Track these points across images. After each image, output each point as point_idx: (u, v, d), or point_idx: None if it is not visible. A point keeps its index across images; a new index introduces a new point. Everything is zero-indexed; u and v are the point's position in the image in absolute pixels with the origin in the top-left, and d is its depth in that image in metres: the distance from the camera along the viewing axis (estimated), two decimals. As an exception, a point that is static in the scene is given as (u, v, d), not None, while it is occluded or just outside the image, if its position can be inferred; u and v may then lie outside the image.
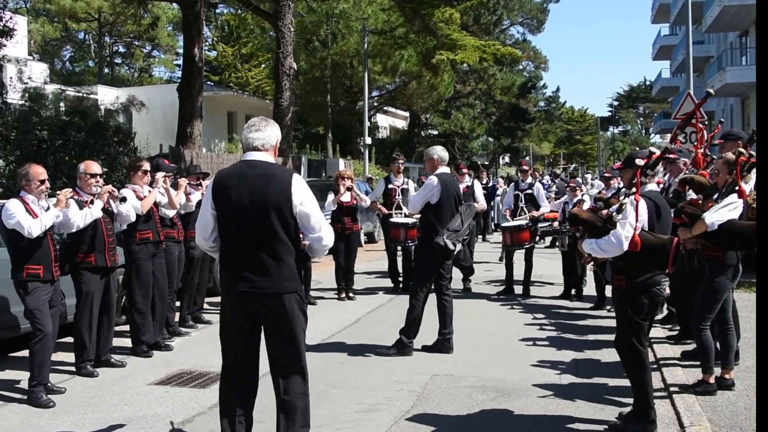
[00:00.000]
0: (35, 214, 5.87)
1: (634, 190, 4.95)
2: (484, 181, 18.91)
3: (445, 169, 7.58)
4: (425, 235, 7.46)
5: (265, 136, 4.28)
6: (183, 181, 8.22)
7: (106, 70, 46.34)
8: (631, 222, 4.79)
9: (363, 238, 17.62)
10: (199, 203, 8.49)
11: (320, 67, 33.44)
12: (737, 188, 5.36)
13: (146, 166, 7.71)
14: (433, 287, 7.52)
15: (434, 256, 7.31)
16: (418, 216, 8.29)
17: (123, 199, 6.80)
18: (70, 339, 7.09)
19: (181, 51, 44.52)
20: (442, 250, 7.18)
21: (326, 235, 4.24)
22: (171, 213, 7.85)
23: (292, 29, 17.74)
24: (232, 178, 4.19)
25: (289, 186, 4.13)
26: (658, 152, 5.28)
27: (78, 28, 45.62)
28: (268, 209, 4.09)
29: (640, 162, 5.03)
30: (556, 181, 21.62)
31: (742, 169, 5.40)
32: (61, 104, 15.36)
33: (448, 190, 7.39)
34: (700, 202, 5.82)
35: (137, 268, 7.36)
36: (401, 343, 7.36)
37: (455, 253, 7.34)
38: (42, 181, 6.03)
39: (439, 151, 7.67)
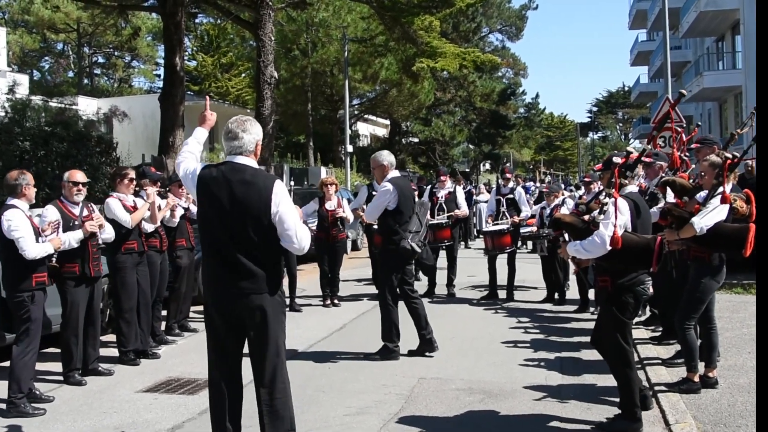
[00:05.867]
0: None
1: (613, 190, 5.04)
2: (467, 189, 19.00)
3: (395, 173, 7.58)
4: (387, 239, 7.49)
5: (244, 142, 4.24)
6: (172, 200, 8.19)
7: (86, 81, 46.03)
8: (613, 221, 4.87)
9: (348, 245, 17.64)
10: (182, 216, 8.52)
11: (300, 75, 33.50)
12: (721, 192, 5.44)
13: (132, 174, 7.68)
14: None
15: (399, 259, 7.39)
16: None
17: (101, 227, 6.79)
18: (55, 349, 7.07)
19: (160, 61, 44.49)
20: (409, 252, 7.30)
21: (301, 244, 4.20)
22: (150, 228, 7.74)
23: (273, 38, 17.77)
24: (216, 180, 4.19)
25: (269, 194, 4.13)
26: (635, 153, 5.38)
27: (57, 39, 45.27)
28: (246, 216, 4.10)
29: (617, 160, 5.12)
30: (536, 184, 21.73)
31: (729, 170, 5.51)
32: (43, 115, 15.25)
33: (404, 194, 7.42)
34: (685, 203, 5.90)
35: (122, 278, 7.36)
36: (387, 350, 7.40)
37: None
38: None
39: (387, 156, 7.63)
